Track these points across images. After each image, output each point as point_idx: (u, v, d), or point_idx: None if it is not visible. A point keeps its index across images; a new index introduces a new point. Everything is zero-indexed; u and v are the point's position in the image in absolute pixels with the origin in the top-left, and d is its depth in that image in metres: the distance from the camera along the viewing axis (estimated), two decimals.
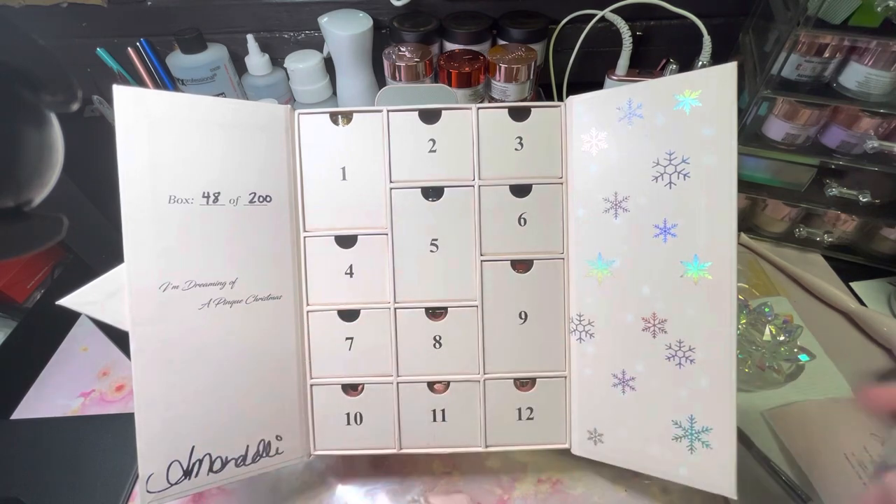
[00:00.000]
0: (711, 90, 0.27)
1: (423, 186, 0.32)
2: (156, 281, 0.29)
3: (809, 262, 0.53)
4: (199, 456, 0.30)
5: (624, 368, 0.31)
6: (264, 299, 0.31)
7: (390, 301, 0.33)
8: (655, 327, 0.29)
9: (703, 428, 0.28)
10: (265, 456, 0.32)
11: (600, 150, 0.31)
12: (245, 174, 0.31)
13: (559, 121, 0.32)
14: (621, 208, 0.30)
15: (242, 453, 0.31)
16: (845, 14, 0.41)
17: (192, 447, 0.30)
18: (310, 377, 0.33)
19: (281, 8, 0.62)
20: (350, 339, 0.33)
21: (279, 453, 0.32)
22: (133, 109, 0.28)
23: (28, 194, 0.20)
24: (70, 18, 0.60)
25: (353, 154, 0.32)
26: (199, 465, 0.30)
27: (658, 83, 0.29)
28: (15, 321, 0.50)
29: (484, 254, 0.33)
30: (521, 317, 0.33)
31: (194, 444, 0.30)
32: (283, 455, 0.32)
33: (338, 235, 0.33)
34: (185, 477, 0.30)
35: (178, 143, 0.29)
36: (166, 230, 0.29)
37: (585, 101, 0.31)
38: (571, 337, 0.33)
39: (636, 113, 0.29)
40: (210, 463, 0.30)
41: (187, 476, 0.30)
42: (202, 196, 0.30)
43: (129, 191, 0.28)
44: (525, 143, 0.32)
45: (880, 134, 0.45)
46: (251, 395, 0.31)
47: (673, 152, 0.28)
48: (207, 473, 0.30)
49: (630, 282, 0.30)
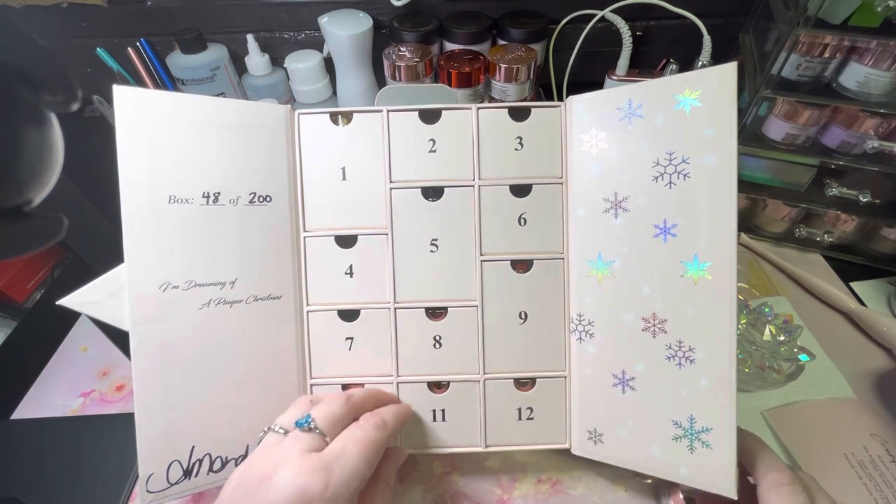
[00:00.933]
0: (711, 90, 0.27)
1: (423, 186, 0.32)
2: (156, 281, 0.29)
3: (809, 262, 0.53)
4: (199, 456, 0.30)
5: (624, 368, 0.31)
6: (264, 299, 0.31)
7: (390, 301, 0.33)
8: (655, 327, 0.29)
9: (703, 428, 0.28)
10: None
11: (600, 150, 0.31)
12: (245, 174, 0.31)
13: (559, 121, 0.32)
14: (621, 208, 0.30)
15: (243, 453, 0.31)
16: (845, 14, 0.41)
17: (192, 447, 0.30)
18: (310, 377, 0.33)
19: (281, 8, 0.62)
20: (350, 340, 0.33)
21: None
22: (133, 109, 0.28)
23: (28, 194, 0.20)
24: (70, 18, 0.60)
25: (353, 154, 0.32)
26: (199, 465, 0.30)
27: (658, 83, 0.29)
28: (15, 321, 0.50)
29: (484, 254, 0.33)
30: (521, 317, 0.33)
31: (194, 444, 0.30)
32: None
33: (338, 235, 0.33)
34: (185, 477, 0.30)
35: (179, 143, 0.29)
36: (166, 230, 0.29)
37: (585, 101, 0.31)
38: (571, 337, 0.33)
39: (636, 113, 0.29)
40: (210, 462, 0.30)
41: (187, 476, 0.30)
42: (202, 196, 0.30)
43: (129, 191, 0.28)
44: (525, 143, 0.32)
45: (880, 134, 0.45)
46: (251, 394, 0.31)
47: (673, 152, 0.28)
48: (207, 473, 0.30)
49: (630, 282, 0.30)
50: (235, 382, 0.31)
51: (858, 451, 0.36)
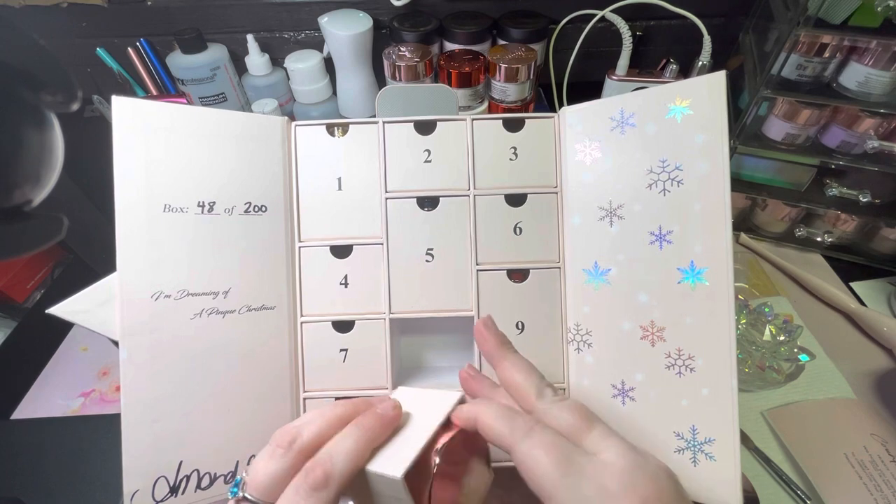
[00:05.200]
0: (702, 99, 0.27)
1: (419, 196, 0.32)
2: (148, 290, 0.28)
3: (809, 262, 0.53)
4: (187, 472, 0.29)
5: (623, 379, 0.30)
6: (258, 310, 0.31)
7: (385, 311, 0.32)
8: (654, 335, 0.29)
9: (706, 439, 0.28)
10: None
11: (594, 159, 0.31)
12: (241, 184, 0.31)
13: (553, 131, 0.32)
14: (616, 216, 0.30)
15: (232, 469, 0.30)
16: (845, 14, 0.41)
17: (180, 462, 0.29)
18: (303, 390, 0.32)
19: (281, 8, 0.62)
20: (344, 351, 0.33)
21: None
22: (130, 120, 0.28)
23: (28, 194, 0.20)
24: (70, 18, 0.60)
25: (349, 164, 0.32)
26: (187, 482, 0.29)
27: (649, 93, 0.29)
28: (15, 321, 0.50)
29: (480, 263, 0.32)
30: (517, 327, 0.33)
31: (182, 460, 0.29)
32: None
33: (333, 245, 0.32)
34: (172, 494, 0.29)
35: (175, 153, 0.29)
36: (160, 239, 0.29)
37: (578, 111, 0.31)
38: (569, 347, 0.33)
39: (628, 122, 0.29)
40: (198, 479, 0.29)
41: (174, 493, 0.29)
42: (197, 205, 0.29)
43: (124, 199, 0.28)
44: (519, 153, 0.32)
45: (880, 134, 0.45)
46: (243, 407, 0.31)
47: (666, 160, 0.28)
48: (195, 490, 0.29)
49: (627, 290, 0.30)
50: (226, 395, 0.30)
51: (858, 451, 0.36)
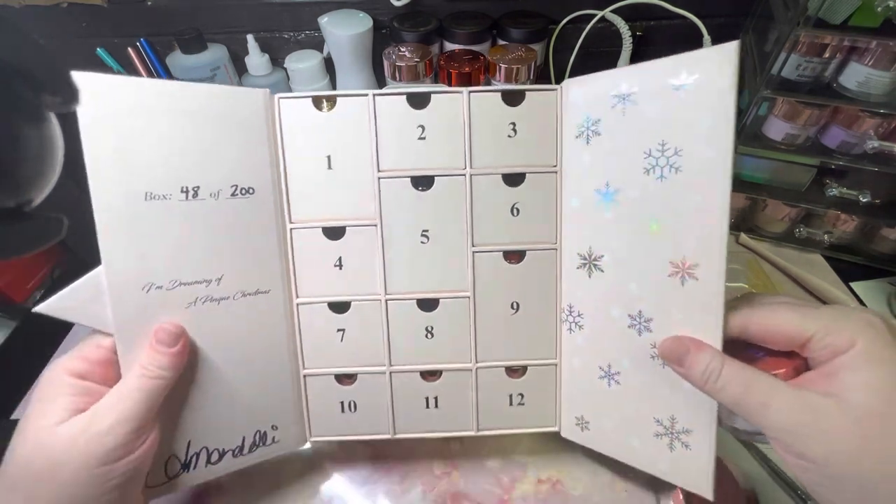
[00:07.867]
0: (710, 74, 0.24)
1: (413, 175, 0.31)
2: (138, 282, 0.28)
3: (809, 262, 0.53)
4: (196, 449, 0.30)
5: (610, 363, 0.31)
6: (252, 294, 0.31)
7: (381, 293, 0.32)
8: (641, 325, 0.29)
9: (684, 429, 0.28)
10: (262, 445, 0.32)
11: (594, 137, 0.29)
12: (225, 166, 0.29)
13: (555, 106, 0.31)
14: (613, 201, 0.29)
15: (239, 444, 0.31)
16: (845, 14, 0.41)
17: (188, 441, 0.30)
18: (303, 368, 0.33)
19: (281, 8, 0.62)
20: (342, 331, 0.33)
21: (276, 442, 0.33)
22: (94, 98, 0.26)
23: (28, 194, 0.20)
24: (70, 18, 0.60)
25: (339, 141, 0.31)
26: (197, 459, 0.30)
27: (653, 66, 0.27)
28: (15, 321, 0.50)
29: (476, 245, 0.32)
30: (512, 307, 0.33)
31: (190, 440, 0.30)
32: (280, 444, 0.33)
33: (325, 227, 0.32)
34: (184, 470, 0.30)
35: (149, 134, 0.27)
36: (144, 229, 0.27)
37: (581, 83, 0.30)
38: (563, 327, 0.33)
39: (630, 99, 0.28)
40: (207, 455, 0.30)
41: (185, 469, 0.30)
42: (180, 191, 0.28)
43: (100, 189, 0.26)
44: (519, 129, 0.31)
45: (880, 134, 0.45)
46: (245, 389, 0.31)
47: (666, 143, 0.26)
48: (206, 465, 0.30)
49: (618, 278, 0.29)
50: (228, 378, 0.31)
51: None
